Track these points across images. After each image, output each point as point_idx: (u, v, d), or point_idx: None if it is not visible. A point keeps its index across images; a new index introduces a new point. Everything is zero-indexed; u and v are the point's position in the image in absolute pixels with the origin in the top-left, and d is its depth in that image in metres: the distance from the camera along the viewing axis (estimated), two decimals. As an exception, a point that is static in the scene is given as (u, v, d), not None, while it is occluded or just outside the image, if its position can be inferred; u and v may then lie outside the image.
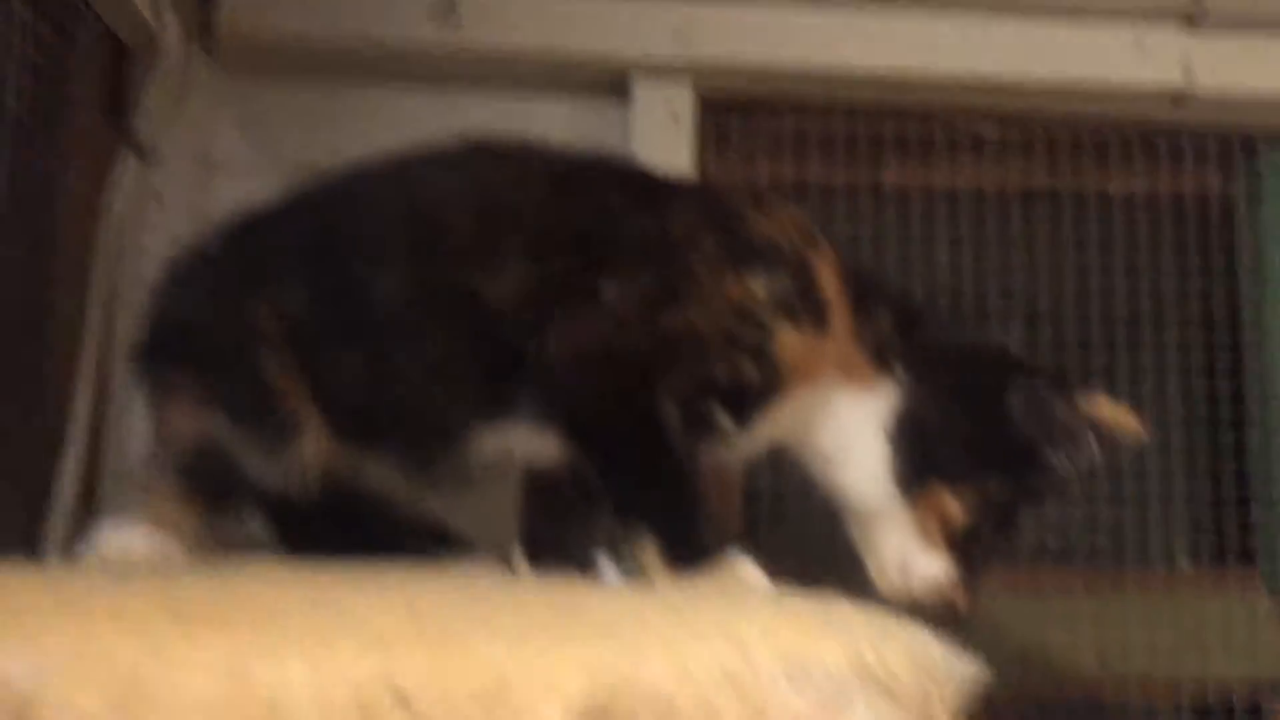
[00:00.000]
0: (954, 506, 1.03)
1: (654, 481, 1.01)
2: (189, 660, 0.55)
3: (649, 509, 1.01)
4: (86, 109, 1.44)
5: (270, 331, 1.03)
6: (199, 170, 1.52)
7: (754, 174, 1.61)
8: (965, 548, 1.03)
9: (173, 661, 0.55)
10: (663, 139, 1.55)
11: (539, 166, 1.08)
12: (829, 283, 1.05)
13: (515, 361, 1.01)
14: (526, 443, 1.05)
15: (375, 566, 0.89)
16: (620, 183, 1.08)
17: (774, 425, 1.06)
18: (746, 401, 1.02)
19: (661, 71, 1.55)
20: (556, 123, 1.56)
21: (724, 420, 1.03)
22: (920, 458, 1.03)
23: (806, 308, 1.02)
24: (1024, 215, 1.66)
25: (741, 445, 1.07)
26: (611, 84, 1.56)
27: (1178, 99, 1.59)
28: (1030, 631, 1.59)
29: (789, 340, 1.01)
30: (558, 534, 1.09)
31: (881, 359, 1.05)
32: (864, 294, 1.06)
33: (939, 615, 1.02)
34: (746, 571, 1.00)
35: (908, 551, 1.04)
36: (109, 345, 1.46)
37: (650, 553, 1.01)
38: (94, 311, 1.44)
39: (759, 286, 1.01)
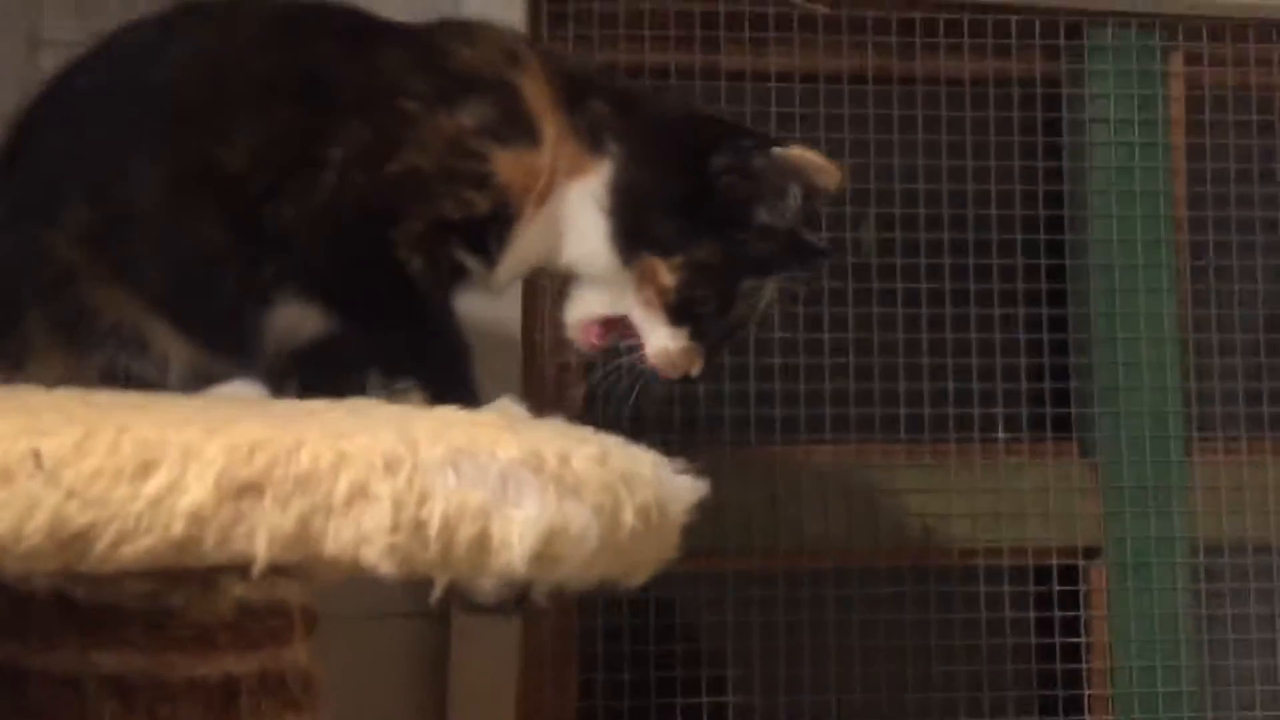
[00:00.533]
0: (668, 275, 1.06)
1: (411, 334, 1.05)
2: None
3: (410, 362, 1.04)
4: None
5: (76, 258, 1.01)
6: (24, 45, 1.51)
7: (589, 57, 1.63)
8: (688, 315, 1.07)
9: None
10: (495, 19, 1.56)
11: (248, 19, 1.08)
12: (536, 96, 1.07)
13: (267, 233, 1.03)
14: (300, 318, 1.07)
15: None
16: (331, 30, 1.08)
17: (522, 251, 1.09)
18: (486, 234, 1.06)
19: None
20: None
21: (469, 260, 1.07)
22: (633, 228, 1.07)
23: (515, 127, 1.05)
24: (855, 98, 1.69)
25: (499, 279, 1.10)
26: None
27: (996, -24, 1.63)
28: (857, 500, 1.65)
29: (505, 162, 1.04)
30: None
31: (597, 141, 1.08)
32: (578, 91, 1.09)
33: (675, 381, 1.09)
34: (515, 410, 1.04)
35: (636, 321, 1.08)
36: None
37: (415, 400, 1.04)
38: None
39: (467, 117, 1.03)
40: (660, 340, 1.09)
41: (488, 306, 1.24)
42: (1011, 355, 1.71)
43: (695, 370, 1.10)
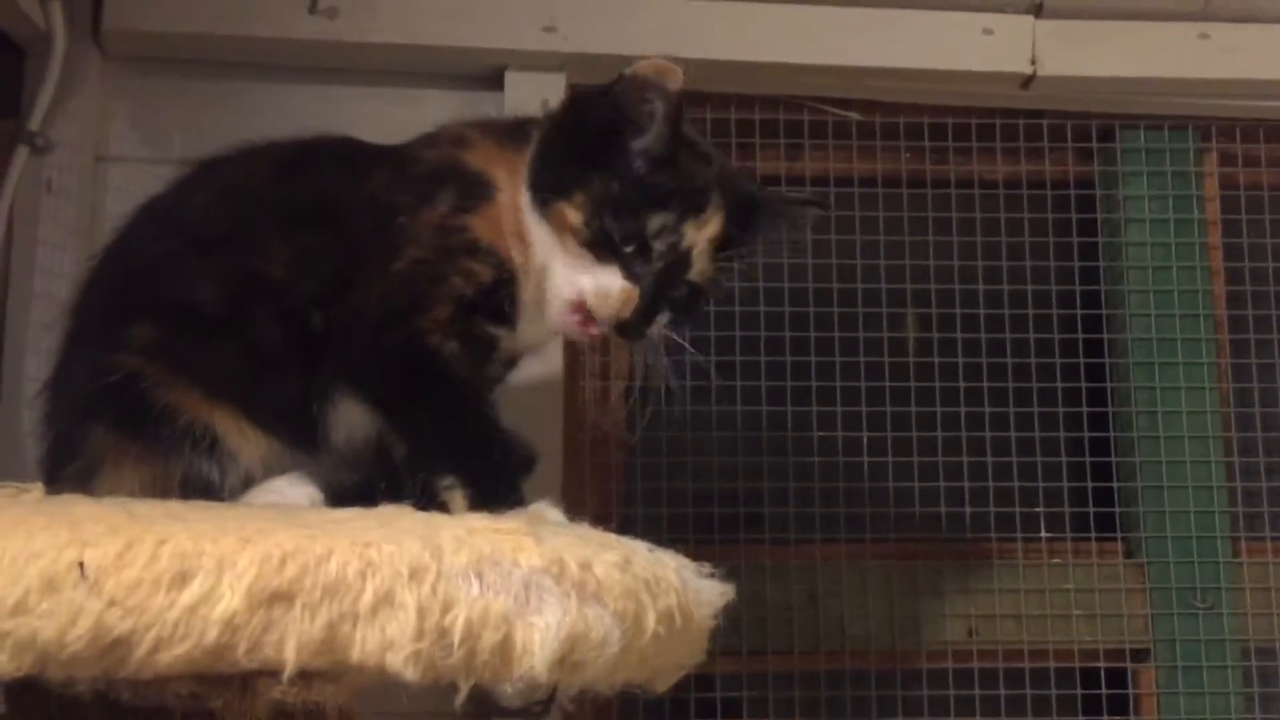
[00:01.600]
0: (573, 214, 1.10)
1: (452, 431, 1.09)
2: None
3: (452, 458, 1.08)
4: (-22, 104, 1.52)
5: (141, 365, 1.08)
6: (90, 161, 1.60)
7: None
8: (621, 259, 1.10)
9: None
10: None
11: (264, 159, 1.19)
12: (483, 158, 1.15)
13: (315, 338, 1.10)
14: (360, 413, 1.12)
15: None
16: (332, 162, 1.18)
17: (533, 301, 1.14)
18: (500, 300, 1.12)
19: (534, 64, 1.63)
20: (433, 114, 1.61)
21: (494, 329, 1.13)
22: (538, 180, 1.13)
23: (473, 192, 1.13)
24: (889, 200, 1.73)
25: (526, 336, 1.16)
26: (487, 76, 1.64)
27: (1026, 84, 1.66)
28: (899, 600, 1.65)
29: (479, 223, 1.12)
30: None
31: (526, 138, 1.16)
32: (519, 127, 1.18)
33: (611, 322, 1.11)
34: (551, 515, 1.06)
35: (562, 277, 1.11)
36: (3, 324, 1.54)
37: (458, 499, 1.08)
38: (-12, 295, 1.52)
39: (442, 204, 1.12)
40: (588, 282, 1.11)
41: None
42: (1053, 454, 1.71)
43: (626, 310, 1.10)
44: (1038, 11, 1.66)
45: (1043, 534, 1.68)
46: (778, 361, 1.68)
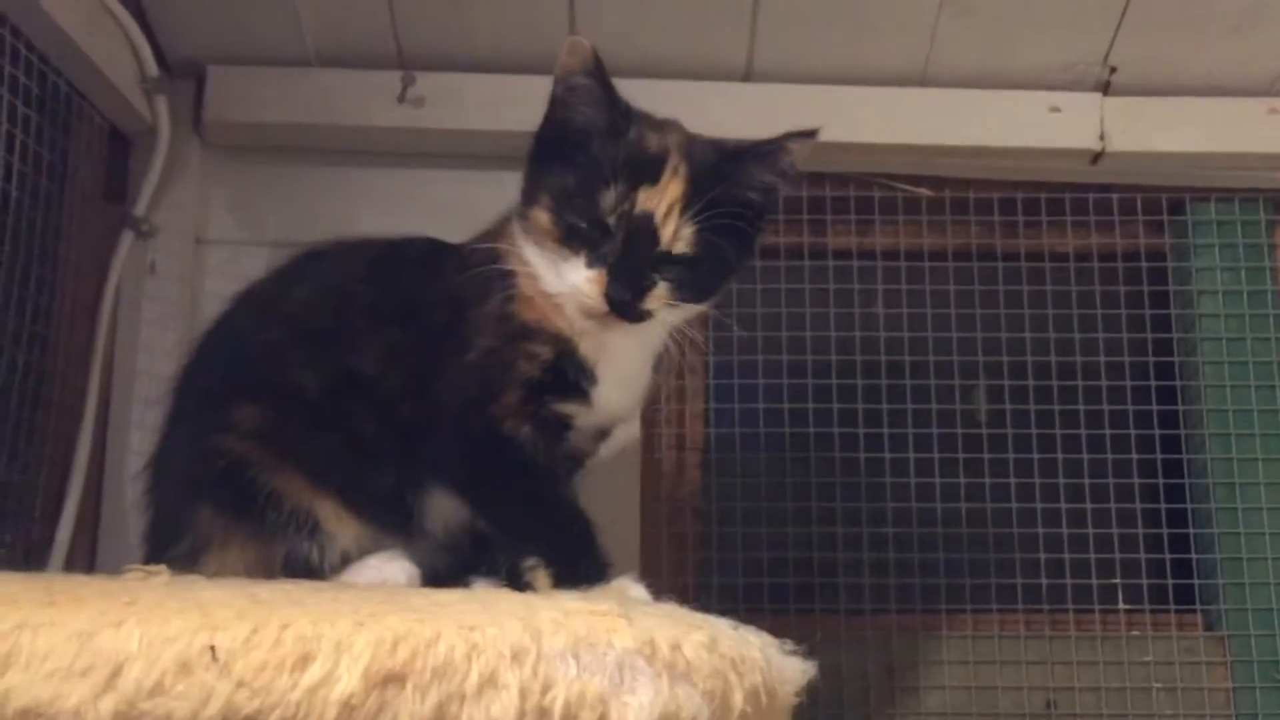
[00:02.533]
0: (543, 215, 1.14)
1: (532, 513, 1.14)
2: (50, 625, 0.67)
3: (534, 541, 1.13)
4: (88, 192, 1.61)
5: (248, 450, 1.14)
6: (191, 244, 1.68)
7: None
8: (586, 245, 1.12)
9: (37, 627, 0.67)
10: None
11: (357, 259, 1.25)
12: (506, 252, 1.18)
13: (406, 429, 1.15)
14: (446, 502, 1.18)
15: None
16: (415, 260, 1.24)
17: (602, 368, 1.17)
18: (563, 369, 1.16)
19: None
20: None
21: (565, 406, 1.16)
22: (520, 199, 1.18)
23: (506, 284, 1.17)
24: (960, 274, 1.76)
25: (601, 406, 1.18)
26: (565, 158, 1.69)
27: (1095, 159, 1.69)
28: (975, 671, 1.65)
29: (522, 310, 1.16)
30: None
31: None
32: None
33: (599, 311, 1.12)
34: (634, 592, 1.10)
35: (552, 279, 1.14)
36: (108, 400, 1.62)
37: (542, 578, 1.12)
38: (96, 369, 1.60)
39: (496, 295, 1.17)
40: (568, 279, 1.13)
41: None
42: (1129, 525, 1.71)
43: (603, 291, 1.11)
44: (1105, 89, 1.69)
45: (1121, 606, 1.68)
46: (851, 433, 1.70)
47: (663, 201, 1.12)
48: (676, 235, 1.13)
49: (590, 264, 1.12)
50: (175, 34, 1.64)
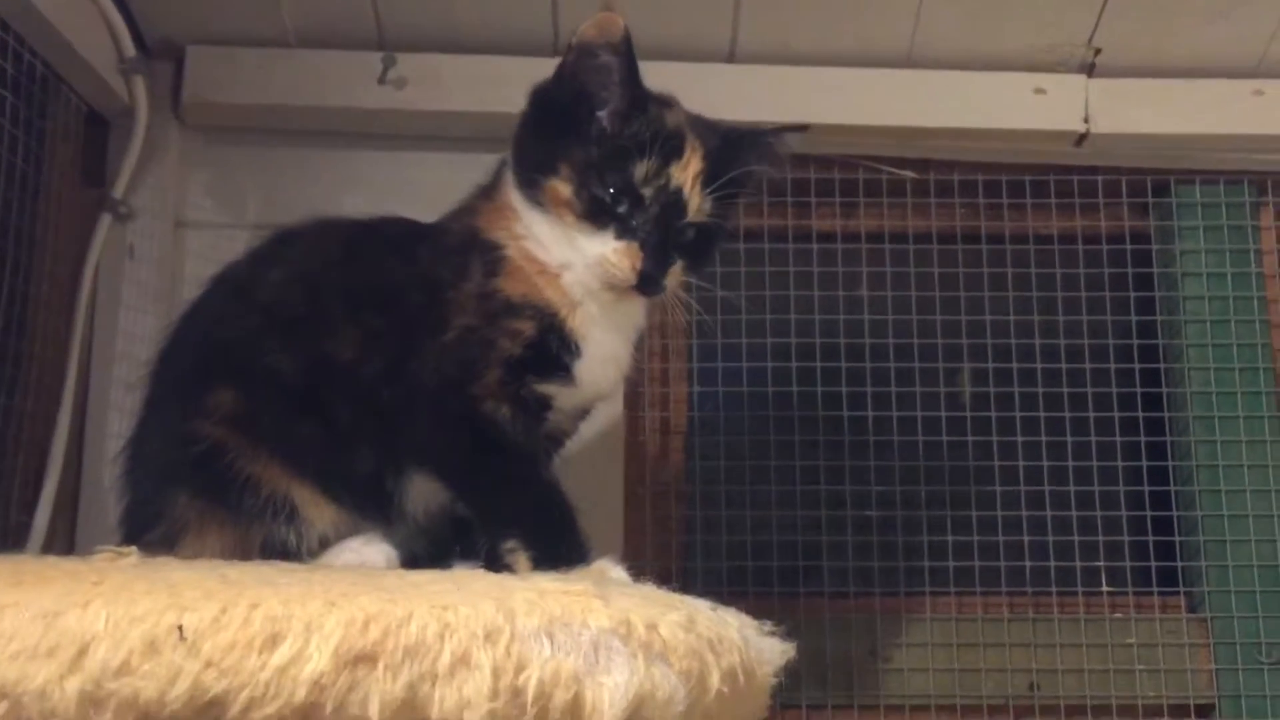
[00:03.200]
0: (563, 187, 1.14)
1: (511, 496, 1.13)
2: (15, 605, 0.66)
3: (513, 523, 1.12)
4: (66, 174, 1.59)
5: (224, 436, 1.13)
6: (170, 227, 1.67)
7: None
8: (605, 215, 1.13)
9: (2, 608, 0.67)
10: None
11: (330, 241, 1.23)
12: (488, 225, 1.19)
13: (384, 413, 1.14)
14: (432, 484, 1.17)
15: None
16: (389, 242, 1.22)
17: (587, 343, 1.16)
18: (549, 351, 1.15)
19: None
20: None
21: (545, 386, 1.16)
22: (524, 171, 1.17)
23: (491, 258, 1.16)
24: (944, 256, 1.75)
25: (585, 382, 1.18)
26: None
27: (1080, 141, 1.68)
28: (959, 654, 1.65)
29: (508, 283, 1.15)
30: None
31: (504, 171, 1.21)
32: (495, 180, 1.22)
33: (630, 283, 1.13)
34: (614, 574, 1.10)
35: (574, 249, 1.14)
36: (86, 384, 1.61)
37: (521, 561, 1.11)
38: (74, 353, 1.58)
39: (475, 273, 1.16)
40: (591, 250, 1.14)
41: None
42: (1113, 508, 1.71)
43: (636, 265, 1.12)
44: (1090, 71, 1.68)
45: (1104, 588, 1.68)
46: (835, 415, 1.70)
47: (689, 175, 1.15)
48: (699, 208, 1.16)
49: (620, 235, 1.13)
50: (153, 14, 1.62)
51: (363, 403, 1.14)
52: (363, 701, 0.69)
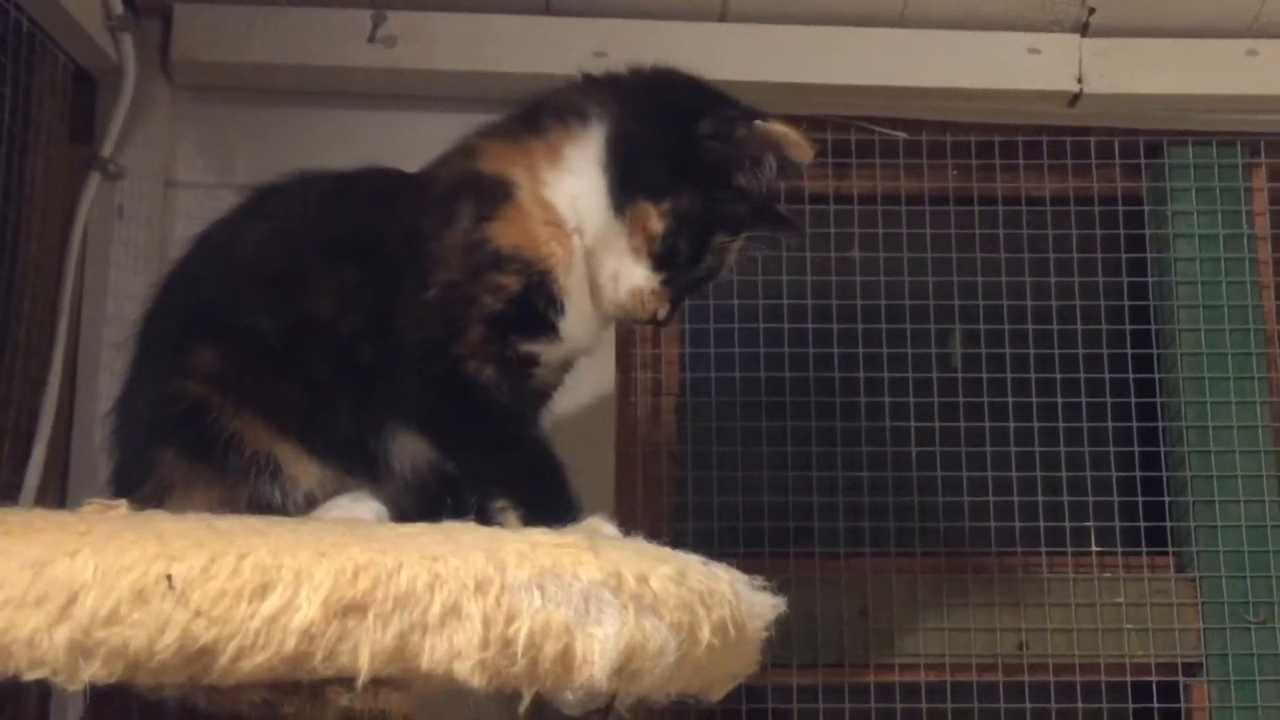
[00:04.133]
0: (656, 222, 1.13)
1: (498, 455, 1.12)
2: (3, 554, 0.66)
3: (501, 482, 1.11)
4: (54, 133, 1.58)
5: (208, 395, 1.12)
6: (160, 187, 1.66)
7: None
8: (668, 262, 1.14)
9: (-11, 559, 0.67)
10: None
11: (309, 196, 1.21)
12: (496, 159, 1.16)
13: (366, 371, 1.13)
14: (417, 442, 1.16)
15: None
16: (370, 193, 1.21)
17: (578, 287, 1.16)
18: (535, 307, 1.13)
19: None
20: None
21: (533, 345, 1.14)
22: (627, 174, 1.14)
23: (490, 198, 1.13)
24: (936, 218, 1.75)
25: (574, 333, 1.17)
26: (539, 100, 1.67)
27: (1073, 102, 1.68)
28: (949, 613, 1.66)
29: (499, 229, 1.13)
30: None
31: (579, 116, 1.16)
32: (532, 112, 1.19)
33: (645, 320, 1.15)
34: (606, 530, 1.09)
35: (621, 265, 1.15)
36: (76, 344, 1.60)
37: (512, 520, 1.11)
38: (64, 313, 1.58)
39: (463, 221, 1.13)
40: (638, 279, 1.15)
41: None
42: (1103, 469, 1.71)
43: (662, 313, 1.16)
44: (1084, 30, 1.68)
45: (1093, 548, 1.69)
46: (827, 377, 1.70)
47: (736, 247, 1.19)
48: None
49: (664, 282, 1.15)
50: (140, -30, 1.61)
51: (344, 360, 1.13)
52: (353, 651, 0.70)
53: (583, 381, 1.33)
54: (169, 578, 0.66)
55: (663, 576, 0.81)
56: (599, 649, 0.75)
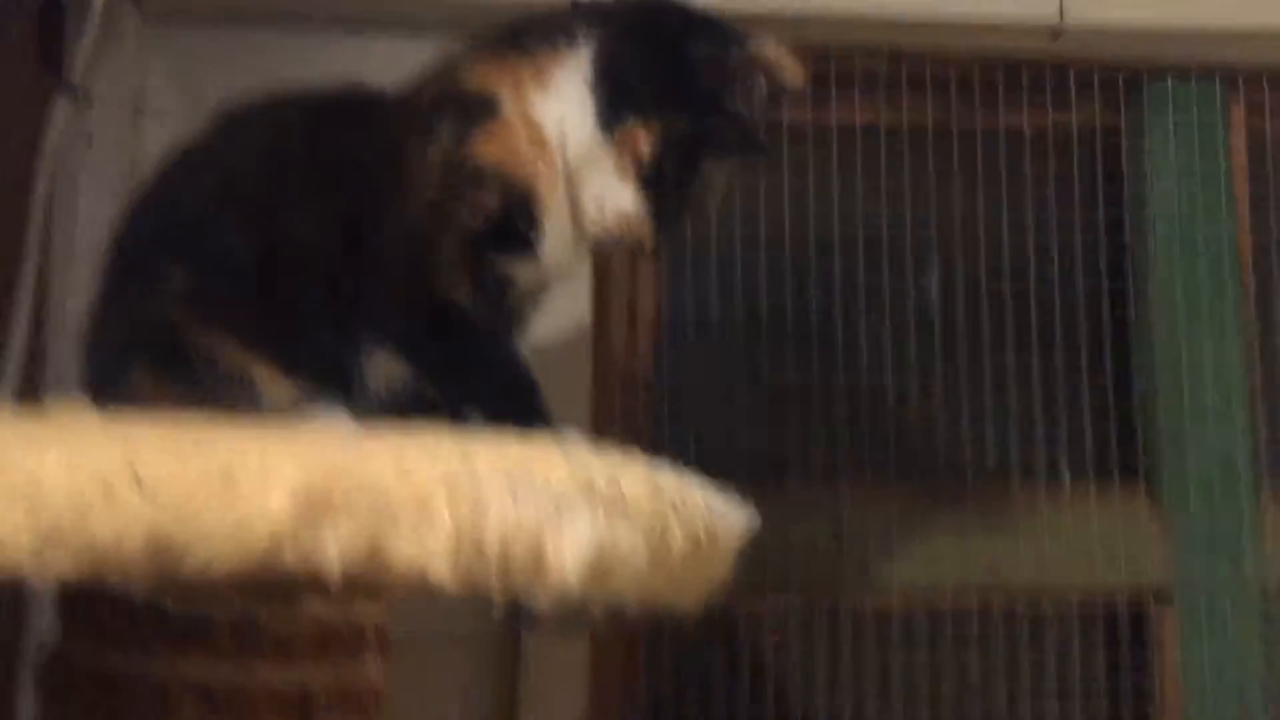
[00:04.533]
0: (645, 140, 1.11)
1: (473, 374, 1.12)
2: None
3: (476, 401, 1.11)
4: (21, 57, 1.55)
5: (180, 313, 1.11)
6: (129, 114, 1.64)
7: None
8: (655, 187, 1.12)
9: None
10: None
11: (291, 112, 1.20)
12: (480, 74, 1.14)
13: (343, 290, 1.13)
14: (392, 362, 1.16)
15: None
16: (351, 113, 1.19)
17: (560, 208, 1.14)
18: (511, 222, 1.12)
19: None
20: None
21: (511, 264, 1.13)
22: (617, 92, 1.12)
23: (472, 113, 1.11)
24: (915, 150, 1.74)
25: (553, 257, 1.15)
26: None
27: (1055, 34, 1.67)
28: (922, 541, 1.67)
29: (480, 145, 1.11)
30: None
31: (567, 37, 1.14)
32: (517, 32, 1.17)
33: (630, 247, 1.14)
34: (577, 442, 1.09)
35: (607, 187, 1.12)
36: (46, 276, 1.58)
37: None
38: (31, 244, 1.56)
39: (443, 138, 1.12)
40: (625, 203, 1.12)
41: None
42: (1076, 399, 1.72)
43: (648, 244, 1.14)
44: (1063, -42, 1.67)
45: (1065, 476, 1.70)
46: (803, 306, 1.70)
47: (721, 180, 1.17)
48: None
49: (651, 208, 1.12)
50: (107, -108, 1.58)
51: (318, 280, 1.12)
52: (323, 551, 0.69)
53: (558, 308, 1.33)
54: (137, 475, 0.65)
55: (635, 481, 0.81)
56: (569, 551, 0.75)
